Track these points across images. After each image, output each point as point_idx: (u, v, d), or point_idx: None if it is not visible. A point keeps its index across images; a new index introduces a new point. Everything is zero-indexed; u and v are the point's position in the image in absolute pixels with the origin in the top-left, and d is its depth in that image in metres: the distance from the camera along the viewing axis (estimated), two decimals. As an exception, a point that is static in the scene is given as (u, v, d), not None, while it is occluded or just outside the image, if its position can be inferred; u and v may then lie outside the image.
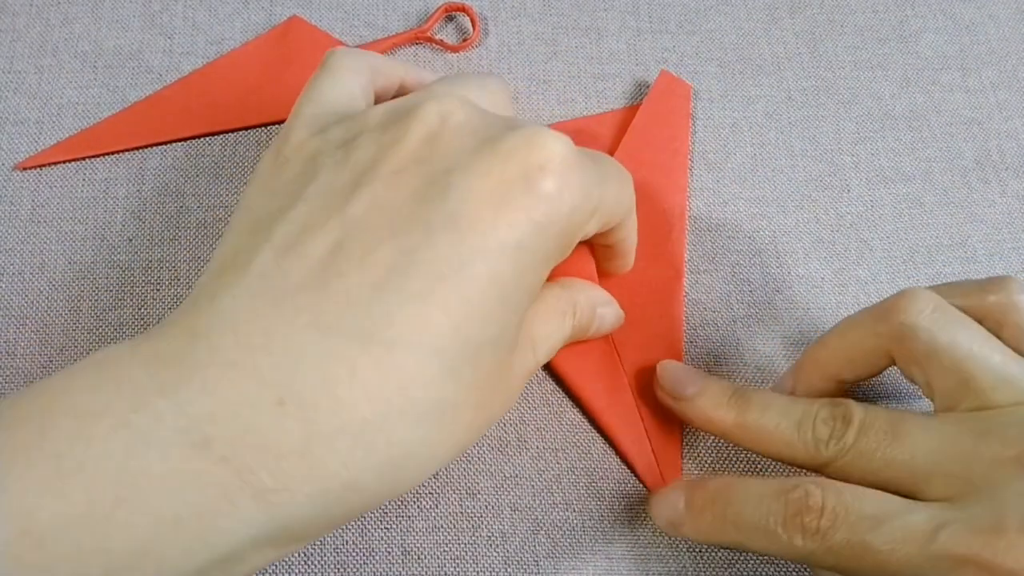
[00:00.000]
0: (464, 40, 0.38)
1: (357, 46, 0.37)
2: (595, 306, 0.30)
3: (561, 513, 0.30)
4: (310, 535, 0.23)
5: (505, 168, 0.23)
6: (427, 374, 0.22)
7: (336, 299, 0.22)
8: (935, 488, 0.25)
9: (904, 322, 0.27)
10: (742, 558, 0.30)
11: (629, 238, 0.30)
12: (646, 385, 0.31)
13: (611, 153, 0.35)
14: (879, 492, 0.25)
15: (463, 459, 0.31)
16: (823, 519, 0.24)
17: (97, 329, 0.32)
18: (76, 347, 0.32)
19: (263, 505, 0.21)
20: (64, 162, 0.35)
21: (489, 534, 0.30)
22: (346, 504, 0.22)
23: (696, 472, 0.31)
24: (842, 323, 0.29)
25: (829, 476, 0.27)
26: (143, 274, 0.33)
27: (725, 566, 0.30)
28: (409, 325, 0.22)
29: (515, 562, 0.29)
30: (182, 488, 0.20)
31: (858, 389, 0.32)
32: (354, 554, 0.29)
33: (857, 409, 0.27)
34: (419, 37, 0.38)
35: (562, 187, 0.24)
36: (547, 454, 0.31)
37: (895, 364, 0.28)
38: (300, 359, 0.21)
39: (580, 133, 0.36)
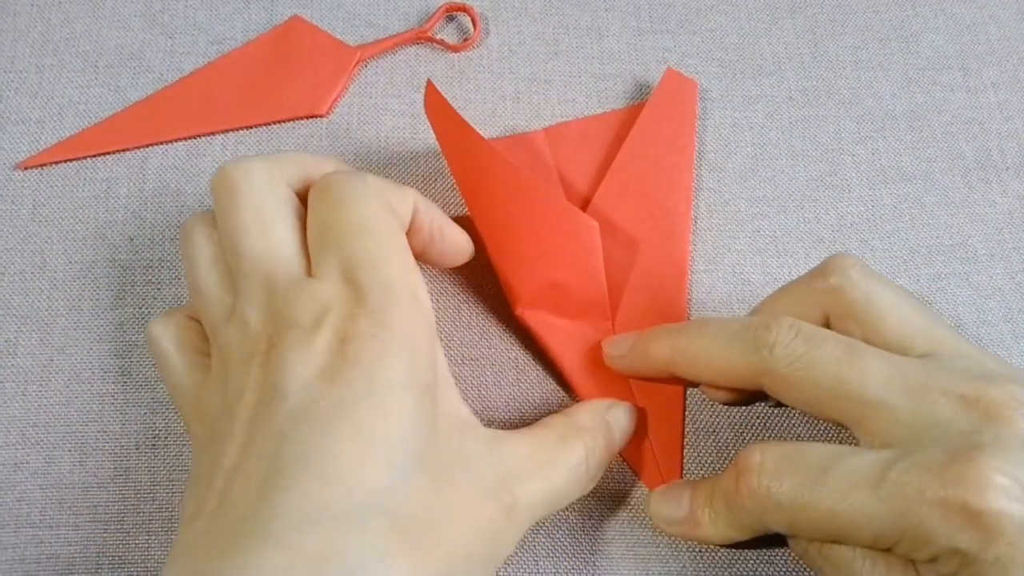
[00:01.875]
0: (465, 40, 0.38)
1: (359, 45, 0.37)
2: (603, 418, 0.29)
3: (561, 513, 0.30)
4: None
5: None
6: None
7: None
8: (880, 420, 0.25)
9: (840, 276, 0.27)
10: (742, 557, 0.30)
11: (429, 225, 0.29)
12: (647, 386, 0.31)
13: (615, 151, 0.35)
14: (821, 444, 0.25)
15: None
16: (762, 475, 0.25)
17: (98, 328, 0.32)
18: (77, 346, 0.32)
19: None
20: (65, 161, 0.35)
21: (489, 534, 0.30)
22: None
23: (697, 472, 0.31)
24: (776, 291, 0.30)
25: (771, 389, 0.27)
26: (144, 273, 0.33)
27: (725, 566, 0.30)
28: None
29: (515, 562, 0.29)
30: None
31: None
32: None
33: (805, 323, 0.26)
34: (420, 37, 0.38)
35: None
36: (547, 454, 0.31)
37: (828, 326, 0.28)
38: None
39: (583, 132, 0.36)
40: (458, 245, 0.30)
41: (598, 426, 0.28)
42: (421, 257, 0.29)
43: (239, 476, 0.22)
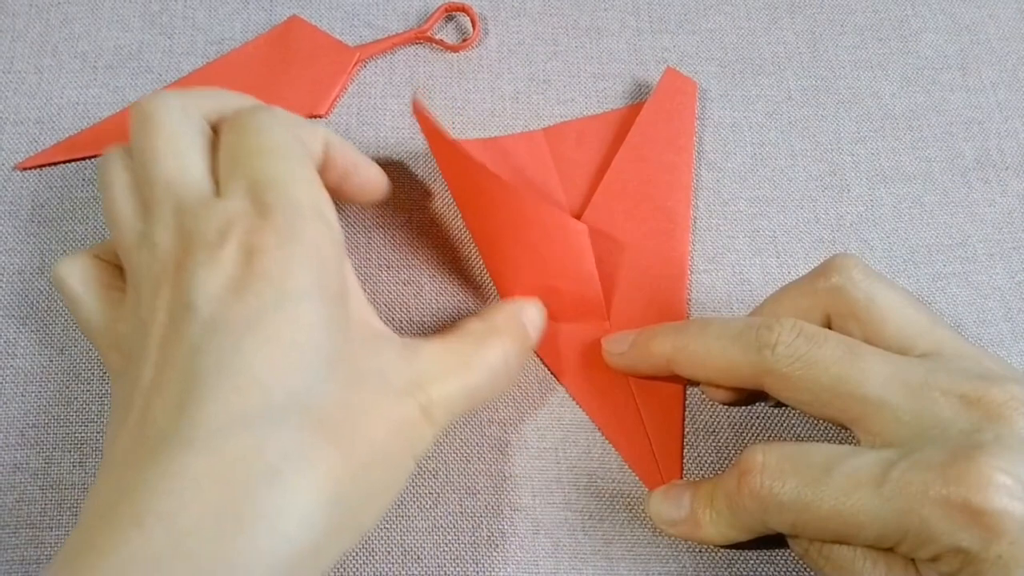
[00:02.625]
0: (464, 40, 0.38)
1: (359, 45, 0.37)
2: (519, 319, 0.29)
3: (561, 513, 0.30)
4: None
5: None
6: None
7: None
8: (881, 420, 0.25)
9: (842, 275, 0.28)
10: (742, 557, 0.30)
11: (343, 160, 0.29)
12: (646, 385, 0.31)
13: (615, 151, 0.35)
14: (823, 444, 0.25)
15: (463, 459, 0.31)
16: (764, 476, 0.25)
17: (97, 329, 0.32)
18: (76, 347, 0.32)
19: None
20: (64, 162, 0.35)
21: (489, 534, 0.30)
22: None
23: (697, 472, 0.31)
24: (777, 291, 0.30)
25: (772, 389, 0.27)
26: (143, 274, 0.33)
27: (725, 566, 0.30)
28: None
29: (515, 562, 0.29)
30: None
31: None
32: (354, 554, 0.29)
33: (807, 324, 0.27)
34: (419, 37, 0.38)
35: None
36: (547, 454, 0.31)
37: (829, 326, 0.28)
38: None
39: (582, 132, 0.36)
40: (372, 180, 0.30)
41: (514, 326, 0.28)
42: (336, 193, 0.29)
43: (157, 393, 0.23)
